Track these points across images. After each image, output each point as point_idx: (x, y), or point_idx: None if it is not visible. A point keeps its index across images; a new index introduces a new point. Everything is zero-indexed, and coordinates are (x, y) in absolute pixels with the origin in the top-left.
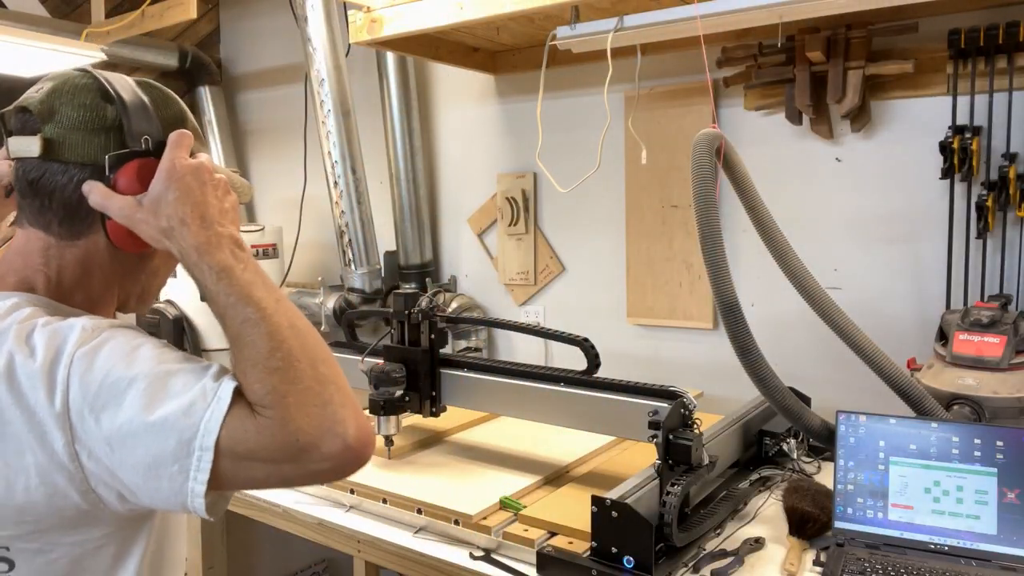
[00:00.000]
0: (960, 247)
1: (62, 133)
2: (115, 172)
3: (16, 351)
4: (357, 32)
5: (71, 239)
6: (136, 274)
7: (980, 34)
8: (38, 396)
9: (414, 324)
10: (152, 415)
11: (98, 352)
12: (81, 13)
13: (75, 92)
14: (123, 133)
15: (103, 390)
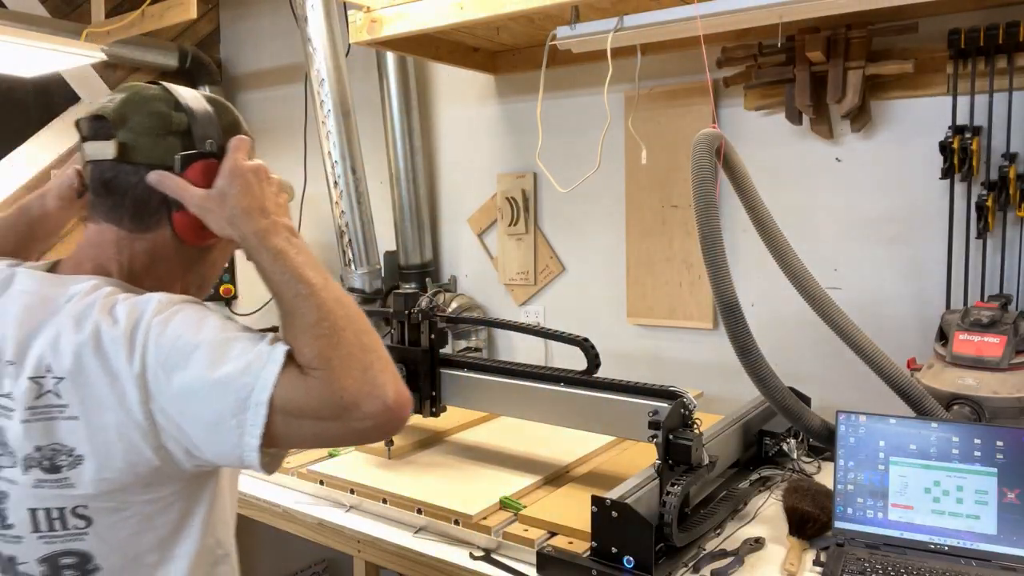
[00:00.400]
0: (960, 247)
1: (134, 137)
2: (184, 171)
3: (102, 320)
4: (357, 32)
5: (140, 232)
6: (196, 266)
7: (980, 34)
8: (120, 359)
9: (414, 324)
10: (215, 374)
11: (171, 320)
12: (81, 13)
13: (146, 101)
14: (190, 137)
15: (174, 352)
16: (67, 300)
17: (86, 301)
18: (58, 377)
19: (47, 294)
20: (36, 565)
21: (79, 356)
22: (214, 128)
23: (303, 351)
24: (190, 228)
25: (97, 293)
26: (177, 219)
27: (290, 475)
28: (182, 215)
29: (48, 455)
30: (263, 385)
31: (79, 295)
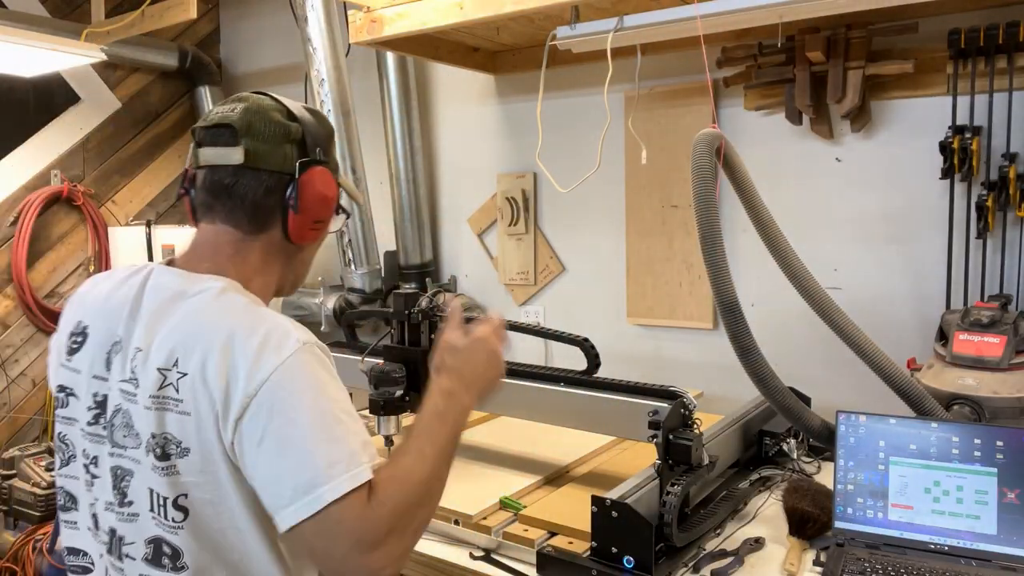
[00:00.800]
0: (960, 247)
1: (257, 145)
2: (301, 175)
3: (237, 330)
4: (357, 32)
5: (256, 234)
6: (294, 263)
7: (980, 34)
8: (239, 370)
9: (414, 324)
10: (308, 443)
11: (304, 370)
12: (81, 13)
13: (265, 111)
14: (304, 146)
15: (290, 399)
16: (196, 295)
17: (222, 305)
18: (182, 372)
19: (181, 290)
20: (143, 546)
21: (205, 359)
22: (321, 137)
23: (387, 485)
24: (302, 229)
25: (231, 298)
26: (293, 221)
27: None
28: (299, 218)
29: (161, 443)
30: (334, 488)
31: (211, 295)
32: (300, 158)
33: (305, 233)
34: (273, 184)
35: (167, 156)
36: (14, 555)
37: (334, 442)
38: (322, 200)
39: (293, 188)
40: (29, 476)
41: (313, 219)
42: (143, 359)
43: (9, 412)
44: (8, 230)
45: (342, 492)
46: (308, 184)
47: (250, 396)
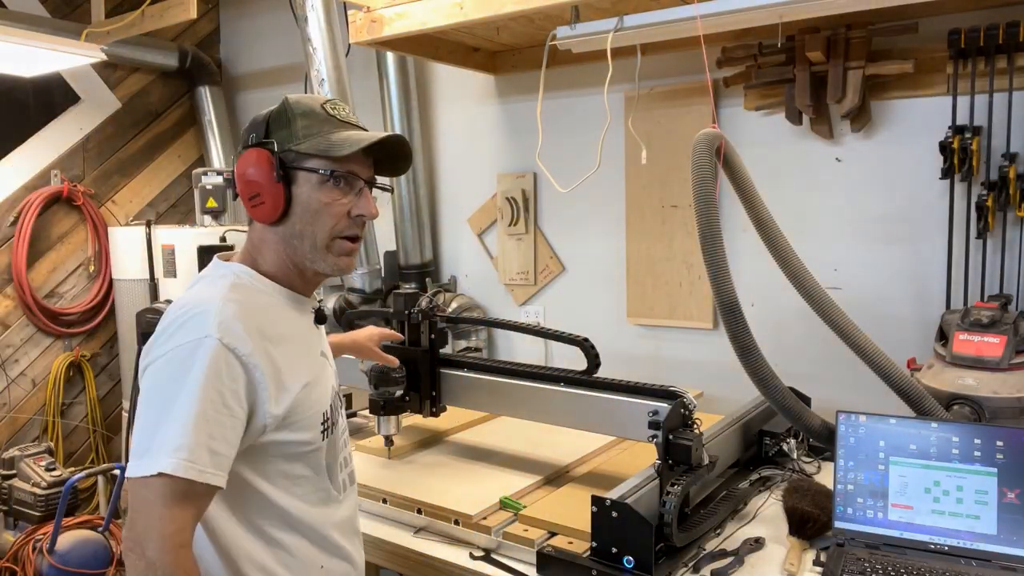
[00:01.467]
0: (960, 247)
1: (245, 135)
2: (237, 161)
3: (173, 307)
4: (357, 32)
5: (251, 221)
6: (286, 241)
7: (980, 34)
8: (152, 340)
9: (414, 324)
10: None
11: (180, 360)
12: (81, 13)
13: (265, 113)
14: (252, 135)
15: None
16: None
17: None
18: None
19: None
20: None
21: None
22: (269, 120)
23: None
24: (247, 208)
25: (202, 282)
26: (243, 203)
27: None
28: (241, 201)
29: None
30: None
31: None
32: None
33: (251, 211)
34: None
35: (167, 156)
36: (14, 555)
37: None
38: (242, 179)
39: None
40: (29, 476)
41: (246, 197)
42: None
43: (9, 412)
44: (8, 230)
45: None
46: (236, 169)
47: (148, 363)
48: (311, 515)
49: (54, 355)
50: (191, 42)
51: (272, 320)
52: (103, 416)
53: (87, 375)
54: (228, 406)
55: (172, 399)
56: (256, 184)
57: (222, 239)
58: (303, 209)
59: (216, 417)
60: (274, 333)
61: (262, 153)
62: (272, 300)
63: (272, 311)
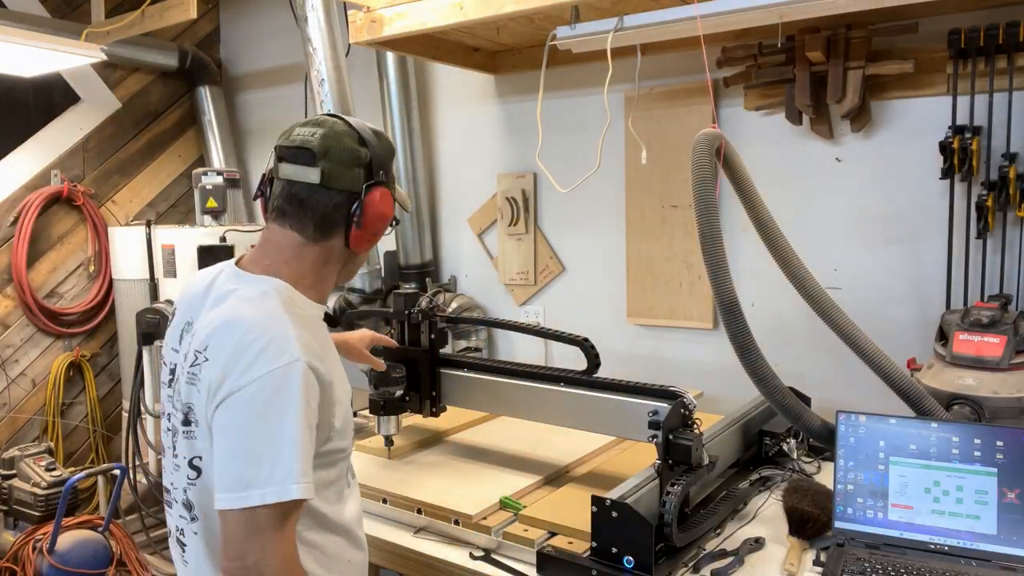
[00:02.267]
0: (960, 247)
1: (332, 168)
2: (366, 196)
3: (251, 330)
4: (357, 32)
5: (318, 241)
6: (350, 264)
7: (980, 34)
8: (239, 365)
9: (414, 324)
10: (256, 449)
11: (280, 383)
12: (81, 13)
13: (339, 136)
14: (371, 168)
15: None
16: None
17: (254, 307)
18: (207, 357)
19: (234, 288)
20: (180, 494)
21: (221, 348)
22: (385, 159)
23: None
24: (361, 240)
25: (263, 302)
26: (355, 233)
27: None
28: (360, 232)
29: (186, 411)
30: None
31: (251, 295)
32: (367, 180)
33: (363, 243)
34: (341, 201)
35: (167, 156)
36: (14, 555)
37: (263, 459)
38: (380, 217)
39: (359, 206)
40: (29, 476)
41: (372, 232)
42: (191, 340)
43: (9, 412)
44: (8, 230)
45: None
46: (371, 204)
47: (233, 391)
48: (337, 513)
49: (54, 355)
50: (191, 42)
51: (317, 335)
52: (103, 416)
53: (87, 375)
54: (311, 425)
55: (278, 427)
56: (384, 225)
57: (222, 239)
58: (371, 240)
59: (309, 436)
60: (322, 348)
61: (387, 195)
62: (312, 314)
63: (315, 326)
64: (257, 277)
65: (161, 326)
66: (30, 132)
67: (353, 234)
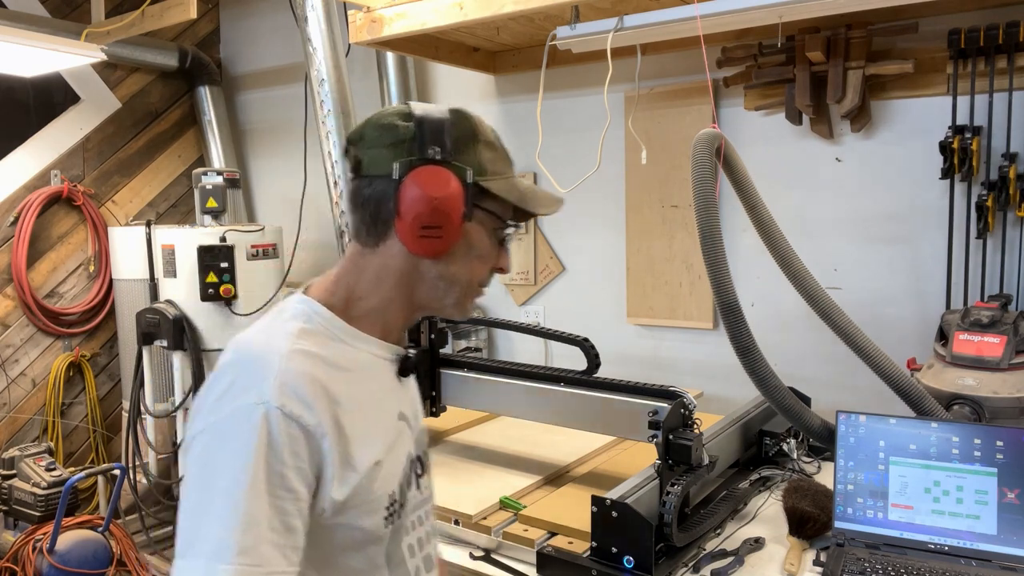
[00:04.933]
0: (960, 247)
1: (365, 152)
2: (403, 177)
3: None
4: (357, 32)
5: (373, 246)
6: (424, 280)
7: (980, 34)
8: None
9: (414, 324)
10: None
11: (226, 435)
12: (81, 13)
13: (381, 116)
14: (415, 145)
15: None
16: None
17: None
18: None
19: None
20: None
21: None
22: (443, 134)
23: None
24: (410, 236)
25: (270, 323)
26: (400, 228)
27: None
28: (403, 224)
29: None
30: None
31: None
32: (406, 156)
33: (417, 242)
34: (383, 189)
35: (167, 156)
36: (14, 555)
37: (199, 525)
38: (426, 202)
39: (397, 191)
40: (29, 476)
41: (420, 224)
42: None
43: (9, 412)
44: (8, 230)
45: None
46: (409, 185)
47: (192, 433)
48: None
49: (54, 355)
50: (191, 42)
51: (345, 377)
52: (103, 416)
53: (87, 375)
54: (278, 487)
55: (214, 485)
56: (442, 215)
57: (222, 239)
58: (466, 252)
59: (268, 502)
60: (346, 394)
61: (454, 180)
62: (348, 352)
63: (346, 365)
64: (299, 297)
65: (161, 326)
66: (30, 132)
67: (399, 227)
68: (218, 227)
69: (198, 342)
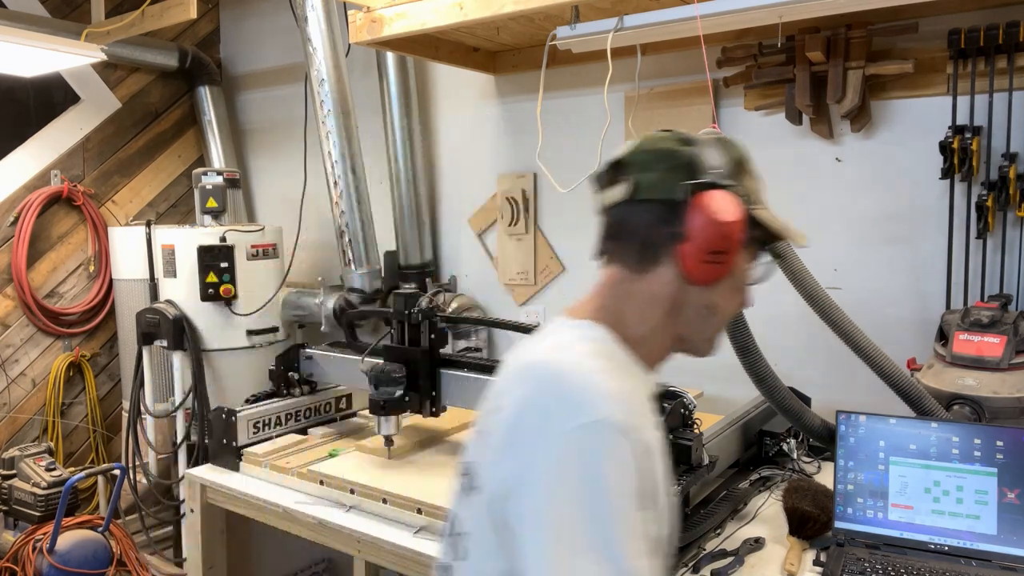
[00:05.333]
0: (960, 247)
1: (640, 175)
2: (692, 198)
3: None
4: (357, 32)
5: (641, 272)
6: (693, 311)
7: (980, 34)
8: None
9: (414, 324)
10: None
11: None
12: (81, 13)
13: (654, 141)
14: (695, 170)
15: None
16: (544, 341)
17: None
18: (498, 407)
19: (542, 333)
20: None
21: (502, 408)
22: (722, 160)
23: None
24: (695, 262)
25: (563, 351)
26: (684, 252)
27: (290, 475)
28: (689, 247)
29: (468, 470)
30: None
31: (553, 342)
32: (690, 179)
33: (700, 267)
34: (661, 214)
35: (167, 156)
36: (14, 555)
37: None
38: (717, 226)
39: (682, 215)
40: (29, 476)
41: (708, 249)
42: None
43: (9, 412)
44: (8, 230)
45: None
46: (700, 207)
47: (514, 476)
48: None
49: (54, 355)
50: (191, 42)
51: (645, 404)
52: (103, 416)
53: (87, 375)
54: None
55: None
56: (729, 240)
57: (222, 239)
58: (731, 282)
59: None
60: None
61: (740, 205)
62: (634, 378)
63: (640, 396)
64: (576, 321)
65: (161, 326)
66: (30, 132)
67: (683, 252)
68: (218, 227)
69: (198, 342)
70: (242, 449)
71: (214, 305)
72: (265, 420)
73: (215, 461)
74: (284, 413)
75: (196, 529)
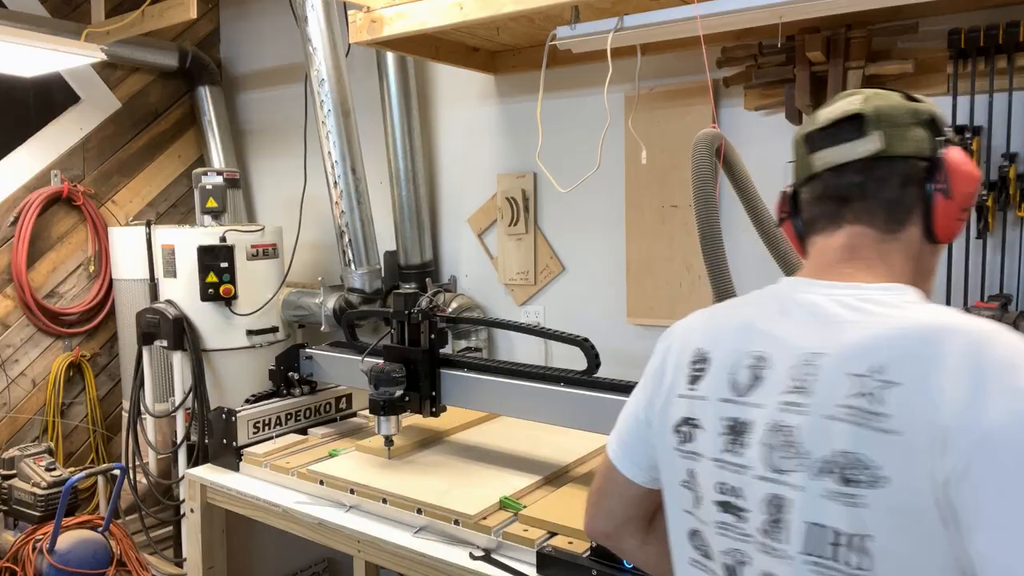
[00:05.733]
0: (960, 247)
1: (889, 131)
2: (947, 156)
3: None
4: (357, 32)
5: (893, 233)
6: (925, 270)
7: (980, 34)
8: (983, 394)
9: (414, 324)
10: None
11: None
12: (81, 13)
13: (887, 95)
14: (935, 126)
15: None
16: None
17: (928, 311)
18: (887, 381)
19: (844, 296)
20: None
21: (923, 371)
22: (944, 119)
23: None
24: (950, 220)
25: (927, 305)
26: (941, 211)
27: (290, 475)
28: (949, 206)
29: (842, 464)
30: None
31: (902, 299)
32: (936, 136)
33: (952, 224)
34: (909, 173)
35: (167, 156)
36: (14, 555)
37: None
38: (973, 183)
39: (941, 172)
40: (29, 476)
41: (962, 206)
42: (815, 370)
43: (9, 412)
44: (8, 230)
45: None
46: (955, 164)
47: (992, 432)
48: None
49: (54, 355)
50: (191, 42)
51: None
52: (103, 416)
53: (87, 375)
54: None
55: None
56: (975, 194)
57: (222, 239)
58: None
59: None
60: None
61: (969, 157)
62: None
63: None
64: (885, 285)
65: (161, 326)
66: (30, 132)
67: (939, 212)
68: (218, 227)
69: (198, 342)
70: (242, 449)
71: (214, 305)
72: (265, 420)
73: (215, 461)
74: (284, 413)
75: (196, 529)
